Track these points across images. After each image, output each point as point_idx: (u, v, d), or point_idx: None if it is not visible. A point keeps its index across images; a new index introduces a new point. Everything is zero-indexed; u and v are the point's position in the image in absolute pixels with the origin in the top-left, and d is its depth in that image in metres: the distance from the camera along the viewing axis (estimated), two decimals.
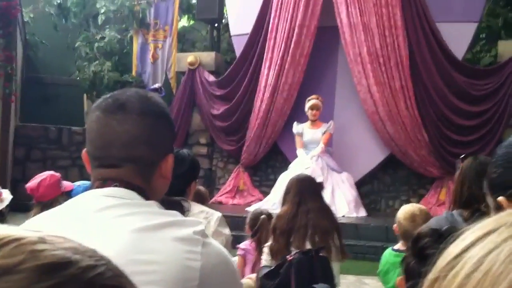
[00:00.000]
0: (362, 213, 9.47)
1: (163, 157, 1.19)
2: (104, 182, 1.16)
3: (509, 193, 1.06)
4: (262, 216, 4.02)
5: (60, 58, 13.08)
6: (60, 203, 1.26)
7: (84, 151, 1.22)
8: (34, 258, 0.46)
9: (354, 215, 9.23)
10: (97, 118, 1.16)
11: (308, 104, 9.74)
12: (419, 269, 1.44)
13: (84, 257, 0.49)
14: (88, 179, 1.50)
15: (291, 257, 2.91)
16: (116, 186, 1.15)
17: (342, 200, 9.27)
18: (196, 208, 2.60)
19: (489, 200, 1.16)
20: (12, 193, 3.89)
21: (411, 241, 1.54)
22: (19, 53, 10.51)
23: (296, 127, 9.94)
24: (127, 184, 1.15)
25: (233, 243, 3.23)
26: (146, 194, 1.17)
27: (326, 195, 6.11)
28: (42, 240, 0.48)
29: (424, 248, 1.46)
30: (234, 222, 7.35)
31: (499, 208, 1.09)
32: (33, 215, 2.07)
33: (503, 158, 1.11)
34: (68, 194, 3.36)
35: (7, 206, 3.81)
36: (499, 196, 1.09)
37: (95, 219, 1.08)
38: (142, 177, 1.17)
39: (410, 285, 1.49)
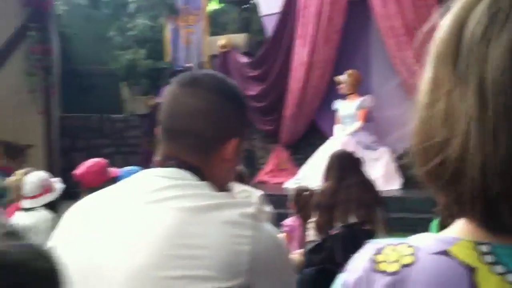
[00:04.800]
0: (395, 186, 9.28)
1: (226, 139, 1.18)
2: (163, 160, 1.18)
3: None
4: (306, 193, 4.04)
5: (94, 48, 13.23)
6: None
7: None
8: None
9: (385, 189, 9.08)
10: (171, 91, 1.22)
11: None
12: None
13: None
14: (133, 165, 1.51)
15: (335, 231, 2.93)
16: (172, 165, 1.15)
17: (373, 177, 9.11)
18: (237, 187, 2.64)
19: None
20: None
21: None
22: (55, 46, 10.71)
23: (334, 104, 9.91)
24: (184, 163, 1.15)
25: (277, 220, 3.28)
26: (203, 174, 1.15)
27: None
28: None
29: None
30: (276, 200, 7.39)
31: None
32: None
33: None
34: (115, 181, 3.44)
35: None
36: None
37: (144, 201, 1.08)
38: (199, 155, 1.16)
39: None
